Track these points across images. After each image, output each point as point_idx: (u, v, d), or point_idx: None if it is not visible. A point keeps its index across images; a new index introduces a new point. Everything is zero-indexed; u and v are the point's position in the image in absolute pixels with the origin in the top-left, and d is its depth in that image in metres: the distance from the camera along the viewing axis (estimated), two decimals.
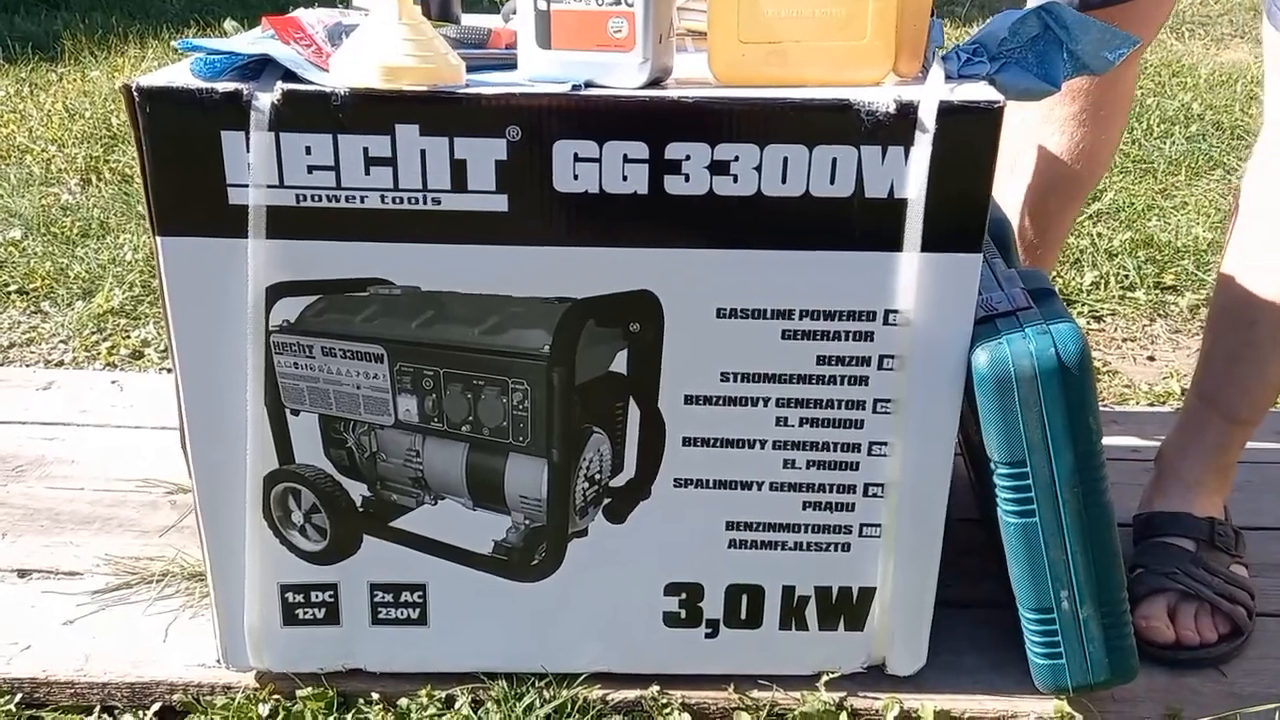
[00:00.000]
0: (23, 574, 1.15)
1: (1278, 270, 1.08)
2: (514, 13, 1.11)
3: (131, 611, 1.10)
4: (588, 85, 0.86)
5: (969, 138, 0.83)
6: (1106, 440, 1.56)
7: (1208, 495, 1.17)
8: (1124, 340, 1.83)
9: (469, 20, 1.10)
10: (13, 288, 1.97)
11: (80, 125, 2.83)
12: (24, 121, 2.90)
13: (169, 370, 1.65)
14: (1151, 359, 1.77)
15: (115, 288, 1.95)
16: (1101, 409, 1.60)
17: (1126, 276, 2.01)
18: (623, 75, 0.86)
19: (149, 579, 1.14)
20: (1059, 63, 0.92)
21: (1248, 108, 3.25)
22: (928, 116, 0.82)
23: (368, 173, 0.84)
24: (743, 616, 0.99)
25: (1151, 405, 1.60)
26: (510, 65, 0.92)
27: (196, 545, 0.98)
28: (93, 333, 1.81)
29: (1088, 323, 1.89)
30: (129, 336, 1.80)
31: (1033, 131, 1.32)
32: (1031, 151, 1.33)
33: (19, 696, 1.00)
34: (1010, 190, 1.35)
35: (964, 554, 1.08)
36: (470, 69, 0.93)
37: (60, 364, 1.72)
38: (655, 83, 0.87)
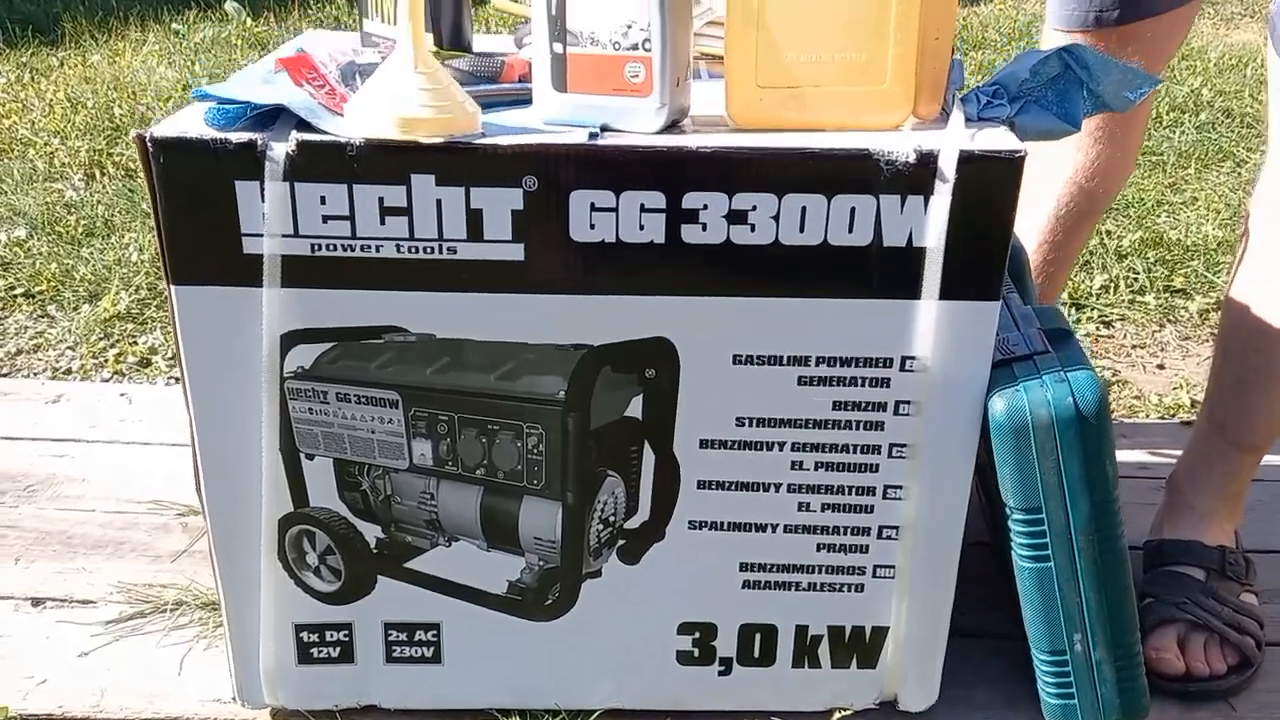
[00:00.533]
0: (37, 603, 1.15)
1: None
2: (529, 35, 1.10)
3: (146, 642, 1.10)
4: (604, 129, 0.85)
5: (989, 187, 0.83)
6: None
7: (1219, 523, 1.17)
8: (1134, 347, 1.82)
9: (482, 42, 1.09)
10: (19, 290, 1.96)
11: (83, 116, 2.81)
12: (26, 112, 2.88)
13: (176, 379, 1.65)
14: (1161, 367, 1.77)
15: (121, 290, 1.94)
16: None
17: (1136, 279, 2.00)
18: (640, 120, 0.85)
19: (162, 608, 1.14)
20: (1079, 101, 0.92)
21: (1257, 93, 3.23)
22: (948, 166, 0.82)
23: (383, 222, 0.83)
24: (756, 655, 1.00)
25: (1162, 418, 1.60)
26: (526, 100, 0.91)
27: (208, 571, 0.98)
28: (100, 338, 1.81)
29: (1097, 328, 1.88)
30: (136, 343, 1.79)
31: (1049, 150, 1.31)
32: (1048, 174, 1.33)
33: None
34: (1027, 214, 1.34)
35: (975, 580, 1.08)
36: (486, 106, 0.92)
37: (68, 372, 1.72)
38: (672, 124, 0.86)
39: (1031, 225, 1.36)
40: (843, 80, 0.85)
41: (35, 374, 1.71)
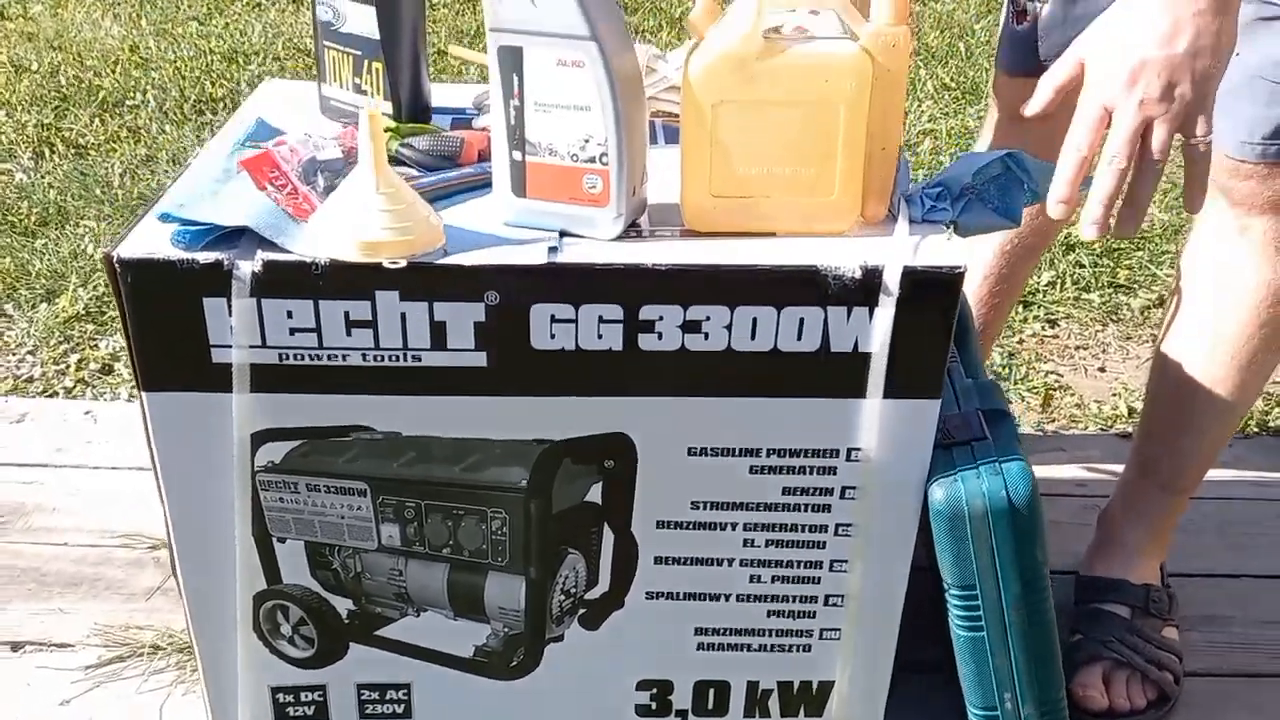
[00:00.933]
0: (15, 647, 1.19)
1: (1208, 358, 1.13)
2: (488, 99, 1.11)
3: (125, 688, 1.14)
4: (562, 235, 0.88)
5: (931, 298, 0.87)
6: (1052, 472, 1.62)
7: (1146, 561, 1.24)
8: (1076, 348, 1.89)
9: (440, 94, 1.10)
10: None
11: (27, 83, 2.75)
12: None
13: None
14: (1102, 370, 1.83)
15: (79, 288, 1.94)
16: (1048, 435, 1.67)
17: (1082, 276, 2.05)
18: (598, 229, 0.88)
19: (140, 650, 1.18)
20: (1019, 197, 0.95)
21: None
22: (892, 281, 0.85)
23: (349, 334, 0.86)
24: (710, 707, 1.06)
25: (1101, 429, 1.66)
26: (485, 185, 0.93)
27: (182, 610, 1.01)
28: (60, 342, 1.81)
29: (1043, 327, 1.94)
30: (97, 348, 1.80)
31: None
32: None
33: None
34: (974, 266, 1.38)
35: (915, 610, 1.14)
36: (443, 197, 0.95)
37: (30, 380, 1.73)
38: (630, 224, 0.89)
39: (977, 261, 1.40)
40: (793, 191, 0.88)
41: None
